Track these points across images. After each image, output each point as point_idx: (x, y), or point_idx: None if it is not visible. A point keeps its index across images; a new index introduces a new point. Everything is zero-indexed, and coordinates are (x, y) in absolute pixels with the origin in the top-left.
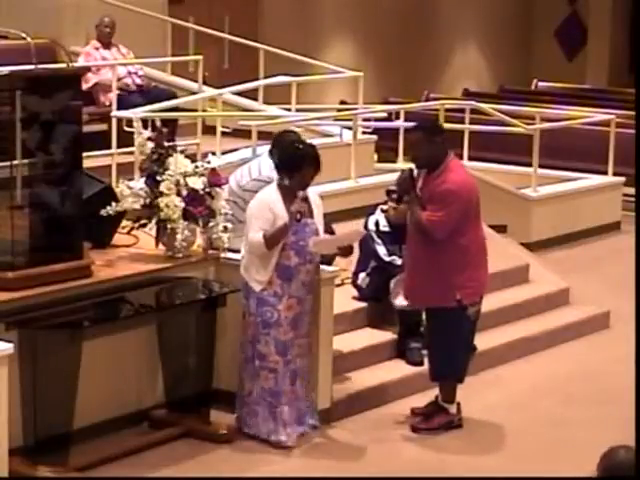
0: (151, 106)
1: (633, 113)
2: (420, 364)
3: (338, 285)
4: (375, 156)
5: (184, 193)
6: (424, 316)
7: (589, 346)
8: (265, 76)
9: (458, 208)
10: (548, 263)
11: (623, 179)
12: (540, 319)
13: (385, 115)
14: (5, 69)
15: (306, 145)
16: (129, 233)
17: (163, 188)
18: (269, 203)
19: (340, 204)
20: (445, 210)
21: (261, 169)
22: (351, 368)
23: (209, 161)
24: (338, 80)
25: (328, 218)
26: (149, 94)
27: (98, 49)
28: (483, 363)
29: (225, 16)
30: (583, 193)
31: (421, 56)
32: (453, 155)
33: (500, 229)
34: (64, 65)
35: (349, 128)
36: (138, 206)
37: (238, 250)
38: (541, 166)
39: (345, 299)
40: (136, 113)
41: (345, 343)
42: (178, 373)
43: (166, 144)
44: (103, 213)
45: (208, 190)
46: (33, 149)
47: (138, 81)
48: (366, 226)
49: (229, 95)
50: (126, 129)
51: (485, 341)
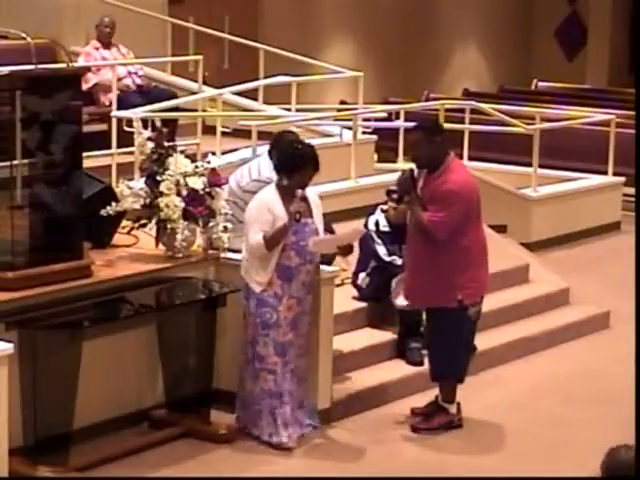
0: (151, 106)
1: (633, 113)
2: (420, 364)
3: (338, 285)
4: (375, 156)
5: (184, 193)
6: (424, 316)
7: (589, 346)
8: (265, 76)
9: (460, 209)
10: (548, 263)
11: (623, 179)
12: (540, 319)
13: (385, 115)
14: (5, 69)
15: (305, 145)
16: (129, 233)
17: (163, 188)
18: (268, 204)
19: (340, 204)
20: (446, 211)
21: (261, 170)
22: (351, 368)
23: (209, 161)
24: (338, 80)
25: (328, 218)
26: (149, 94)
27: (98, 49)
28: (483, 363)
29: (225, 16)
30: (583, 193)
31: (421, 56)
32: (454, 155)
33: (500, 229)
34: (64, 65)
35: (349, 128)
36: (138, 206)
37: (238, 250)
38: (541, 166)
39: (345, 299)
40: (136, 113)
41: (345, 343)
42: (178, 373)
43: (166, 144)
44: (103, 213)
45: (208, 190)
46: (33, 149)
47: (138, 81)
48: (366, 226)
49: (229, 95)
50: (126, 129)
51: (485, 341)
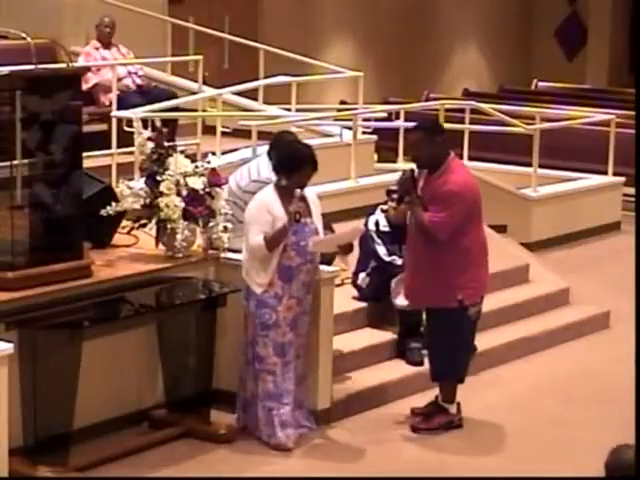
0: (151, 106)
1: (633, 113)
2: (420, 364)
3: (338, 285)
4: (375, 156)
5: (184, 193)
6: (424, 316)
7: (589, 346)
8: (265, 76)
9: (460, 209)
10: (548, 263)
11: (623, 179)
12: (540, 319)
13: (385, 115)
14: (5, 69)
15: (303, 145)
16: (129, 233)
17: (163, 188)
18: (267, 204)
19: (340, 204)
20: (447, 211)
21: (260, 170)
22: (351, 368)
23: (209, 161)
24: (338, 80)
25: (328, 218)
26: (149, 94)
27: (98, 49)
28: (483, 363)
29: (225, 16)
30: (583, 193)
31: (421, 56)
32: (454, 155)
33: (500, 229)
34: (64, 65)
35: (349, 128)
36: (138, 206)
37: (238, 250)
38: (541, 166)
39: (345, 299)
40: (136, 113)
41: (345, 343)
42: (178, 373)
43: (166, 144)
44: (103, 213)
45: (208, 190)
46: (33, 149)
47: (138, 81)
48: (366, 226)
49: (229, 95)
50: (126, 129)
51: (485, 341)
